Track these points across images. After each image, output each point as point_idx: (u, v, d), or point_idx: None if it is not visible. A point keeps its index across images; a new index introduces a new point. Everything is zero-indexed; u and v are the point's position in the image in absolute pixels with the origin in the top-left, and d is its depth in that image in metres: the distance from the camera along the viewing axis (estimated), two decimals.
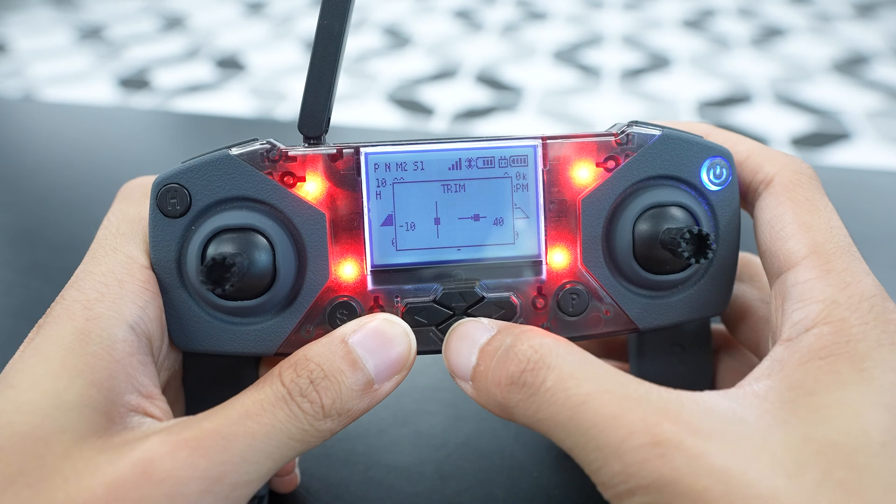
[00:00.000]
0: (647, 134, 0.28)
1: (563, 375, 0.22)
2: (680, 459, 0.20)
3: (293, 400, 0.23)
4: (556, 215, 0.28)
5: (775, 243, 0.26)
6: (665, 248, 0.26)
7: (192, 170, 0.26)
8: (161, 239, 0.27)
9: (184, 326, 0.27)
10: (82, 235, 0.55)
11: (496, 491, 0.32)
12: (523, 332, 0.24)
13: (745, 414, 0.21)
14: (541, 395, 0.22)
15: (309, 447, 0.24)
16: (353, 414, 0.24)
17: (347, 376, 0.24)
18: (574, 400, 0.22)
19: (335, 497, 0.32)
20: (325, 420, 0.24)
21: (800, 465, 0.20)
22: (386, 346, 0.25)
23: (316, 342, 0.25)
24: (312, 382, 0.24)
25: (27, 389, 0.22)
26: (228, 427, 0.22)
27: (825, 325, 0.23)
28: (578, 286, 0.28)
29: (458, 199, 0.28)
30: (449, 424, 0.36)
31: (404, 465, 0.33)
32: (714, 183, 0.28)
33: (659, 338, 0.31)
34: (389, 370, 0.25)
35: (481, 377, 0.24)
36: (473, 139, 0.28)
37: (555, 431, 0.22)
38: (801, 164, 0.27)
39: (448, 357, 0.26)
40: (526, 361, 0.23)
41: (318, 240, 0.27)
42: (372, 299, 0.28)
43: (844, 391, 0.21)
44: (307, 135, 0.27)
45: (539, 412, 0.22)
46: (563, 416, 0.22)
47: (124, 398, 0.23)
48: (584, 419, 0.21)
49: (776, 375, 0.22)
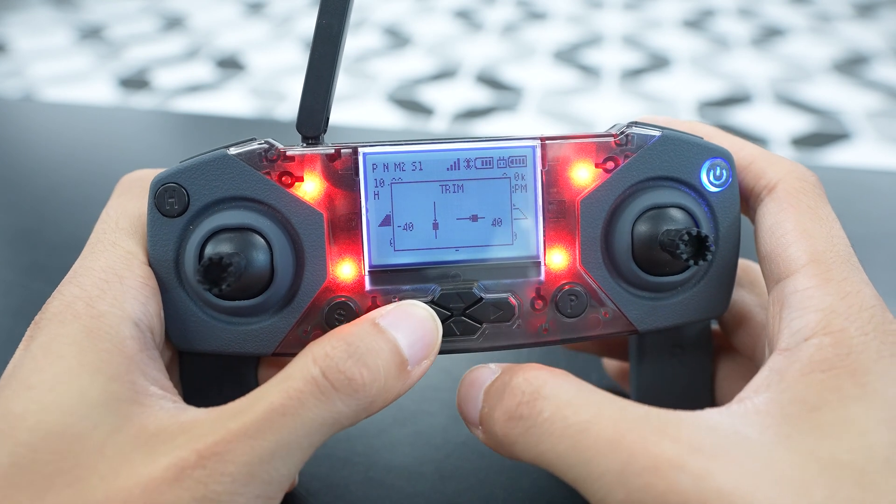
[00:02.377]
0: (647, 135, 0.28)
1: (560, 404, 0.22)
2: (685, 481, 0.20)
3: (326, 379, 0.22)
4: (554, 216, 0.28)
5: (775, 249, 0.26)
6: (664, 250, 0.26)
7: (190, 169, 0.26)
8: (159, 238, 0.27)
9: (181, 326, 0.27)
10: (82, 235, 0.55)
11: (496, 491, 0.32)
12: (520, 368, 0.24)
13: (747, 431, 0.21)
14: (539, 426, 0.22)
15: (342, 429, 0.23)
16: (388, 396, 0.24)
17: (384, 354, 0.24)
18: (573, 428, 0.21)
19: (335, 497, 0.32)
20: (362, 398, 0.23)
21: (806, 484, 0.19)
22: (416, 326, 0.25)
23: (345, 325, 0.25)
24: (350, 357, 0.23)
25: (49, 389, 0.22)
26: (256, 426, 0.21)
27: (825, 335, 0.22)
28: (577, 287, 0.28)
29: (456, 200, 0.28)
30: (449, 424, 0.36)
31: (404, 465, 0.33)
32: (714, 184, 0.28)
33: (659, 339, 0.31)
34: (421, 351, 0.25)
35: (486, 419, 0.24)
36: (472, 139, 0.28)
37: (557, 464, 0.22)
38: (805, 172, 0.27)
39: (459, 405, 0.26)
40: (521, 394, 0.23)
41: (315, 240, 0.27)
42: (370, 299, 0.28)
43: (847, 408, 0.21)
44: (305, 135, 0.27)
45: (539, 444, 0.22)
46: (563, 446, 0.21)
47: (148, 389, 0.23)
48: (584, 447, 0.21)
49: (776, 387, 0.22)
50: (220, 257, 0.23)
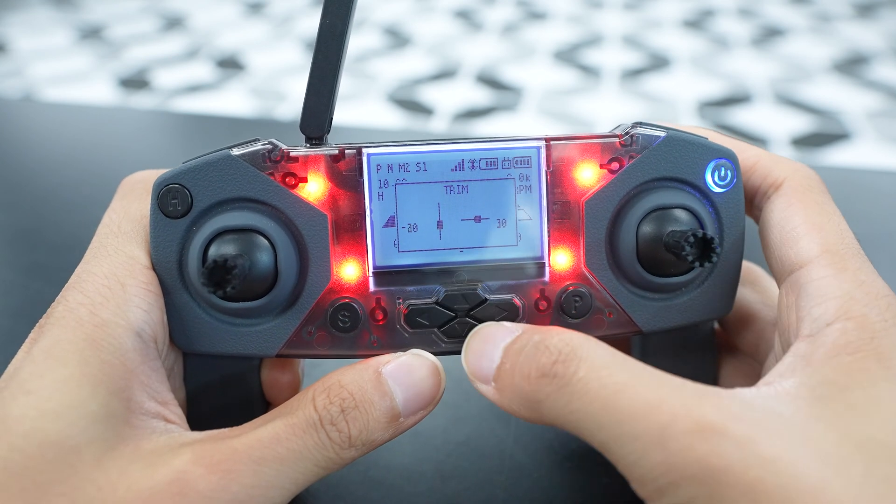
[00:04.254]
0: (652, 135, 0.27)
1: (596, 366, 0.22)
2: (728, 446, 0.19)
3: (323, 428, 0.23)
4: (559, 217, 0.28)
5: (786, 242, 0.26)
6: (669, 251, 0.26)
7: (193, 170, 0.26)
8: (162, 239, 0.26)
9: (185, 327, 0.27)
10: (82, 235, 0.55)
11: (496, 491, 0.32)
12: (551, 329, 0.24)
13: (781, 409, 0.21)
14: (573, 385, 0.22)
15: (329, 473, 0.24)
16: (374, 444, 0.25)
17: (377, 407, 0.24)
18: (608, 389, 0.21)
19: (335, 497, 0.32)
20: (350, 449, 0.24)
21: (844, 460, 0.19)
22: (417, 381, 0.25)
23: (350, 368, 0.25)
24: (343, 411, 0.24)
25: (48, 397, 0.22)
26: (260, 451, 0.22)
27: (847, 320, 0.23)
28: (581, 288, 0.28)
29: (460, 201, 0.28)
30: (449, 424, 0.36)
31: (404, 464, 0.33)
32: (718, 185, 0.28)
33: (663, 339, 0.31)
34: (417, 404, 0.25)
35: (506, 375, 0.24)
36: (476, 139, 0.28)
37: (586, 425, 0.22)
38: (809, 171, 0.28)
39: (468, 360, 0.26)
40: (557, 353, 0.23)
41: (319, 241, 0.27)
42: (374, 301, 0.27)
43: (877, 388, 0.21)
44: (309, 135, 0.27)
45: (570, 404, 0.22)
46: (595, 406, 0.21)
47: (144, 406, 0.23)
48: (619, 408, 0.21)
49: (803, 371, 0.22)
50: (224, 259, 0.23)
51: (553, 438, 0.35)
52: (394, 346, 0.28)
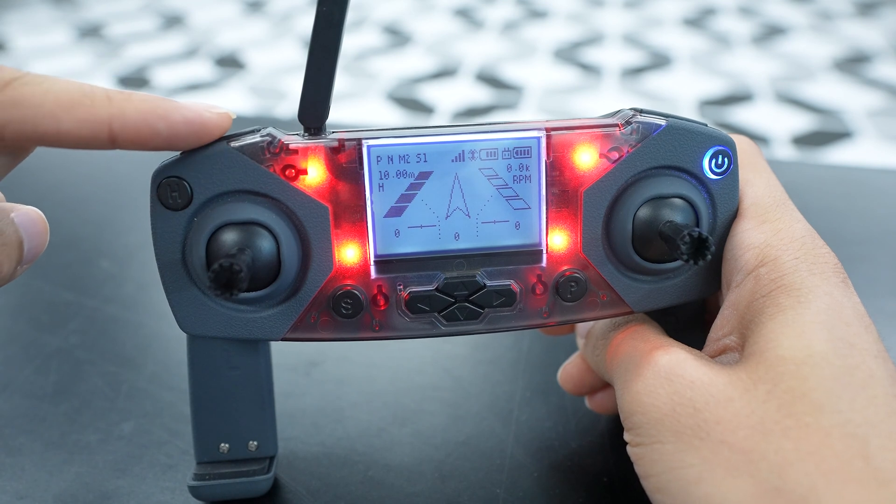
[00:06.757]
0: (652, 123, 0.27)
1: None
2: (678, 386, 0.24)
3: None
4: (557, 205, 0.28)
5: None
6: (664, 240, 0.27)
7: (190, 162, 0.26)
8: (164, 231, 0.27)
9: (191, 313, 0.28)
10: (82, 235, 0.55)
11: (496, 491, 0.32)
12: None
13: (721, 359, 0.26)
14: None
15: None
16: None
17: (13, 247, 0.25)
18: None
19: (335, 497, 0.32)
20: None
21: (755, 381, 0.23)
22: (40, 232, 0.26)
23: None
24: None
25: None
26: None
27: (762, 266, 0.26)
28: (577, 273, 0.29)
29: (460, 190, 0.28)
30: (449, 424, 0.36)
31: (404, 464, 0.33)
32: (715, 172, 0.28)
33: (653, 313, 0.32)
34: (32, 255, 0.26)
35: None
36: (476, 126, 0.28)
37: None
38: (744, 139, 0.30)
39: None
40: None
41: (321, 232, 0.27)
42: (375, 287, 0.28)
43: (785, 315, 0.24)
44: (308, 125, 0.27)
45: None
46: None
47: None
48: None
49: (731, 318, 0.26)
50: (229, 264, 0.23)
51: (553, 438, 0.35)
52: (395, 329, 0.29)
